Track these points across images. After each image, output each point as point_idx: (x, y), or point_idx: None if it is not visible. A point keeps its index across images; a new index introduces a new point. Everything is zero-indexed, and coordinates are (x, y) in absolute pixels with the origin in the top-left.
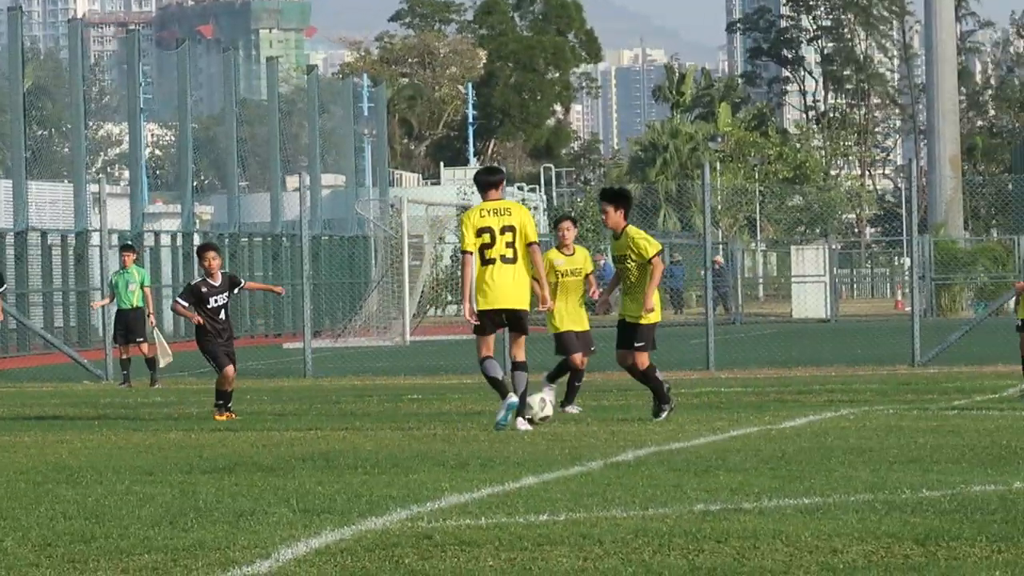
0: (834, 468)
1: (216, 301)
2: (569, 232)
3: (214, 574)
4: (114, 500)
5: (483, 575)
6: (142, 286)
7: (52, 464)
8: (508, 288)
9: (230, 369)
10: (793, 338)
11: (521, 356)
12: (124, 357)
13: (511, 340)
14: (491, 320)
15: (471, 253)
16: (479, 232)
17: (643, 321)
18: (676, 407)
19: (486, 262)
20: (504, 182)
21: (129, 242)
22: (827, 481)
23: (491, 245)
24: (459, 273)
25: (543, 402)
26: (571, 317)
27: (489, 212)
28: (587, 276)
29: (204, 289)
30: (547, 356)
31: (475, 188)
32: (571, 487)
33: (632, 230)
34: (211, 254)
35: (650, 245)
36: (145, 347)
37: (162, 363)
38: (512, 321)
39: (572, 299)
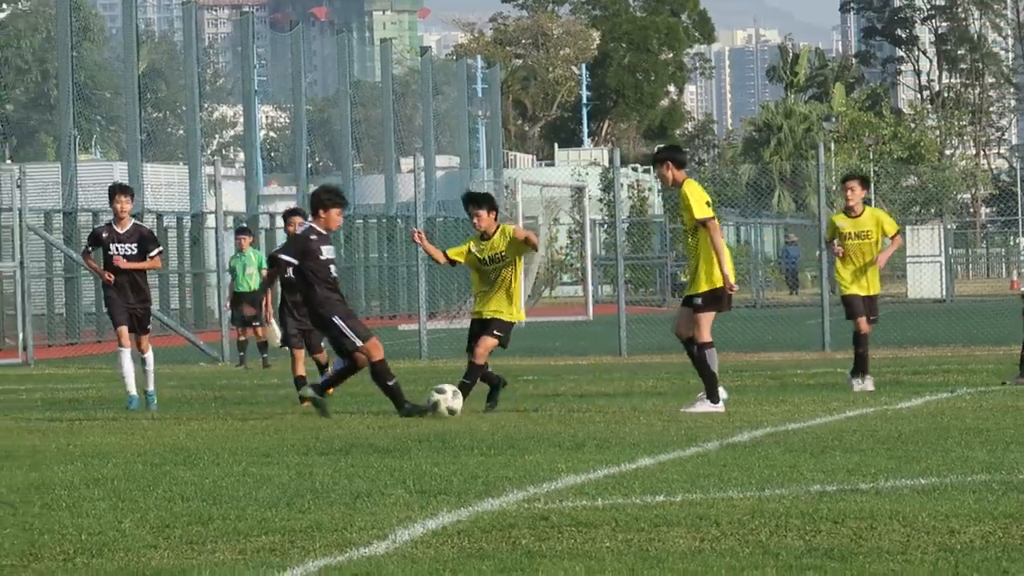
0: (951, 448)
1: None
2: (853, 193)
3: (331, 555)
4: (231, 481)
5: (599, 556)
6: (259, 269)
7: (169, 446)
8: None
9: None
10: (908, 318)
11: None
12: (242, 339)
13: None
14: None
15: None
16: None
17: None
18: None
19: None
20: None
21: (245, 225)
22: (944, 461)
23: None
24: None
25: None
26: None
27: None
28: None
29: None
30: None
31: (587, 170)
32: (687, 468)
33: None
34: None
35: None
36: (260, 330)
37: (275, 344)
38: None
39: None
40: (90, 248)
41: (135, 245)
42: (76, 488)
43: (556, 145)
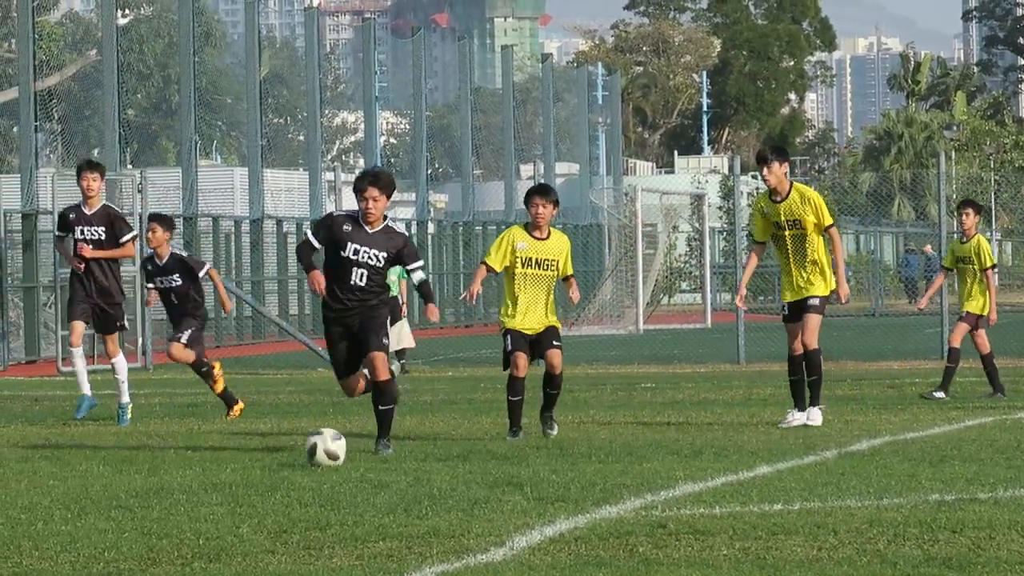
0: None
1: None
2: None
3: (448, 562)
4: (349, 487)
5: (717, 564)
6: (399, 278)
7: (287, 451)
8: None
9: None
10: None
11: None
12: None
13: None
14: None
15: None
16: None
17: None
18: None
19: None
20: None
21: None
22: None
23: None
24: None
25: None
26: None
27: None
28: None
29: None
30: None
31: (707, 178)
32: (805, 476)
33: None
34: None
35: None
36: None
37: (412, 345)
38: None
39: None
40: (60, 233)
41: (103, 228)
42: (194, 493)
43: (676, 152)
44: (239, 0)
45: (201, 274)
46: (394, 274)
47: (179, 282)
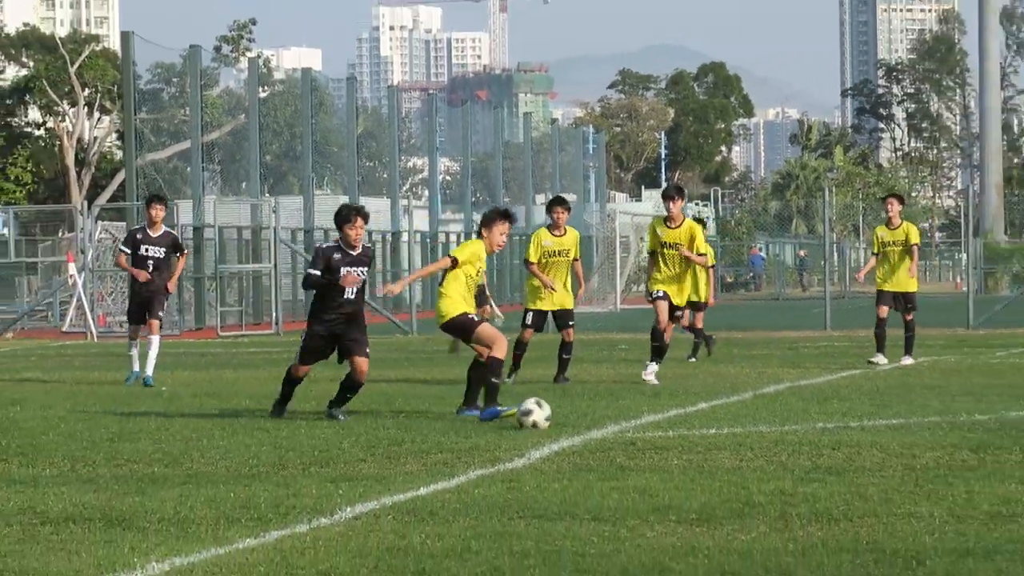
0: (914, 399)
1: (148, 251)
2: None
3: (485, 468)
4: (417, 416)
5: (670, 470)
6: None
7: (375, 391)
8: None
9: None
10: None
11: None
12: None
13: None
14: None
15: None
16: None
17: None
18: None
19: None
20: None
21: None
22: (909, 408)
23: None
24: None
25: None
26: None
27: None
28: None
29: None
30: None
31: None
32: (731, 410)
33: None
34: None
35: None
36: (486, 312)
37: (498, 322)
38: None
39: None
40: (126, 250)
41: (164, 249)
42: (312, 420)
43: (643, 187)
44: (343, 80)
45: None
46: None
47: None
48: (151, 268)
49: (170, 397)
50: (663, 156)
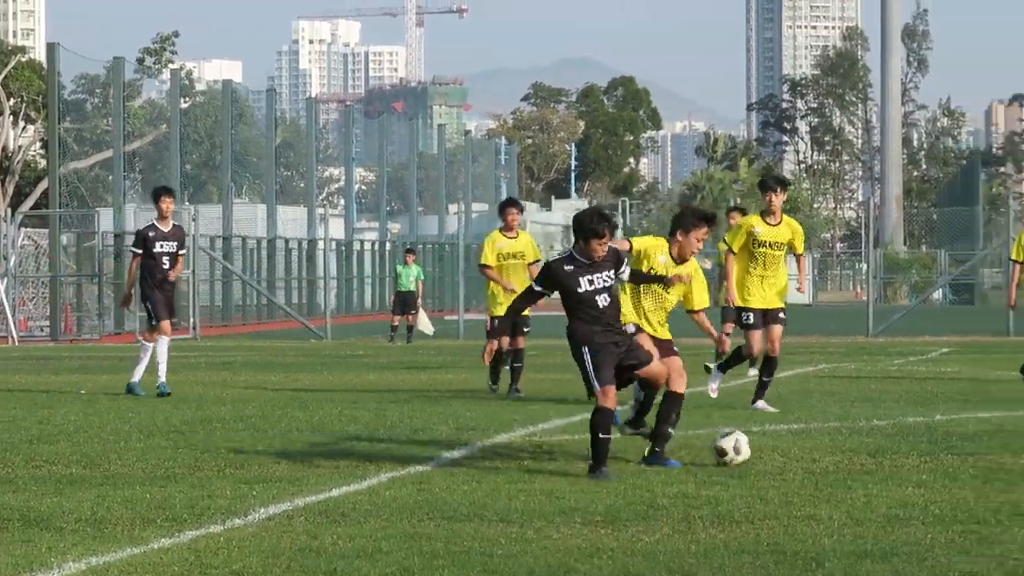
0: (814, 405)
1: (162, 247)
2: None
3: (396, 470)
4: (331, 419)
5: (576, 473)
6: (417, 279)
7: (289, 395)
8: None
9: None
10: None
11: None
12: (395, 324)
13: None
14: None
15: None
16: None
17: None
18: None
19: None
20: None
21: (410, 247)
22: (809, 413)
23: None
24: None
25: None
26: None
27: None
28: None
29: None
30: None
31: (573, 213)
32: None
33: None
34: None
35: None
36: (411, 318)
37: (428, 332)
38: None
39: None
40: (137, 250)
41: (176, 243)
42: (228, 422)
43: (553, 197)
44: (262, 92)
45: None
46: (413, 275)
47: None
48: (167, 265)
49: (88, 399)
50: (573, 167)
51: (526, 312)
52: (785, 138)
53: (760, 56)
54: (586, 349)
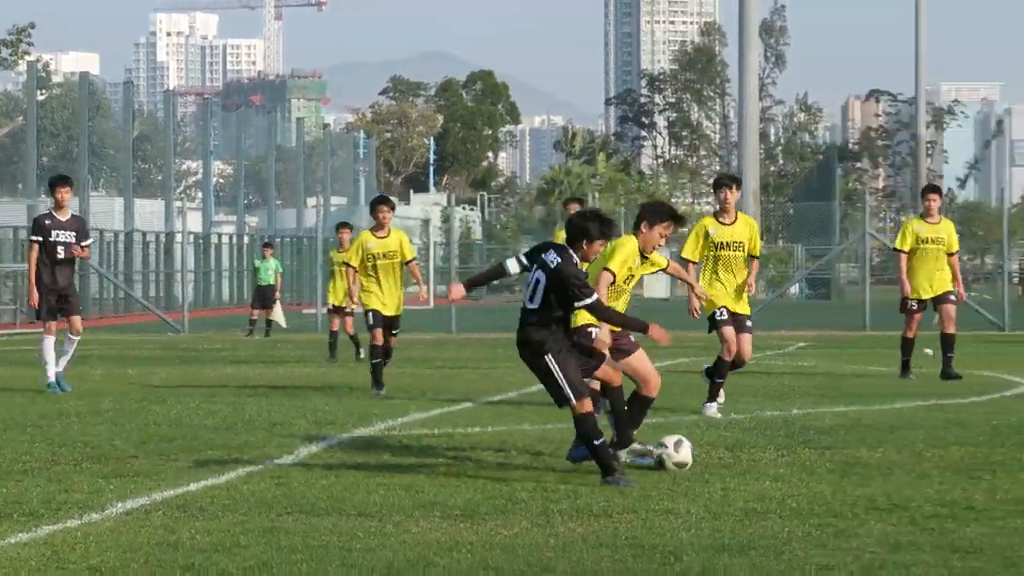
0: (673, 398)
1: (58, 236)
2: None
3: (254, 464)
4: (188, 413)
5: (435, 467)
6: (276, 272)
7: (147, 389)
8: None
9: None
10: (645, 312)
11: None
12: (254, 317)
13: None
14: None
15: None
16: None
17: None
18: None
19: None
20: None
21: (268, 240)
22: (668, 407)
23: None
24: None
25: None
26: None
27: None
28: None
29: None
30: None
31: (431, 208)
32: (495, 409)
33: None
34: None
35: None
36: (269, 311)
37: (283, 324)
38: None
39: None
40: (36, 239)
41: (74, 233)
42: (85, 416)
43: (412, 191)
44: (120, 85)
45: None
46: (272, 269)
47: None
48: (62, 255)
49: None
50: (431, 161)
51: (399, 312)
52: (643, 133)
53: (618, 51)
54: (550, 356)
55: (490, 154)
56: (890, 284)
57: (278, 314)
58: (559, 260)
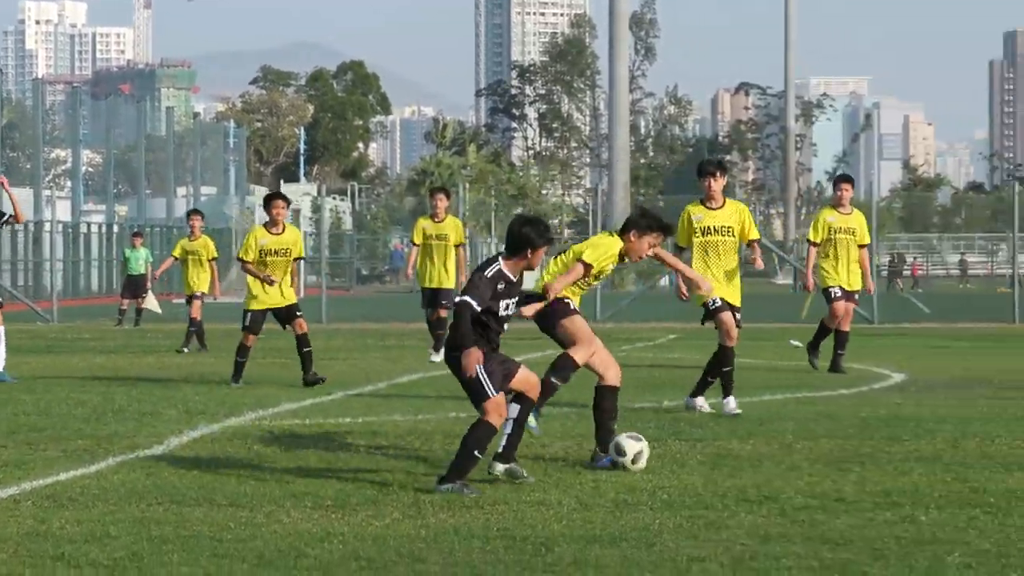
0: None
1: None
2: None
3: (124, 454)
4: (58, 403)
5: (307, 458)
6: (146, 261)
7: (16, 377)
8: None
9: None
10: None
11: None
12: (124, 307)
13: None
14: None
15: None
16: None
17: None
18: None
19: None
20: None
21: (137, 230)
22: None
23: None
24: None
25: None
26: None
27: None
28: None
29: None
30: None
31: (302, 198)
32: (365, 400)
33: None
34: None
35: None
36: (139, 301)
37: (157, 311)
38: None
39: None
40: None
41: None
42: None
43: (282, 180)
44: None
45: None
46: (142, 258)
47: None
48: None
49: None
50: (302, 151)
51: (294, 299)
52: (514, 124)
53: (489, 42)
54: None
55: (360, 144)
56: (758, 276)
57: (152, 302)
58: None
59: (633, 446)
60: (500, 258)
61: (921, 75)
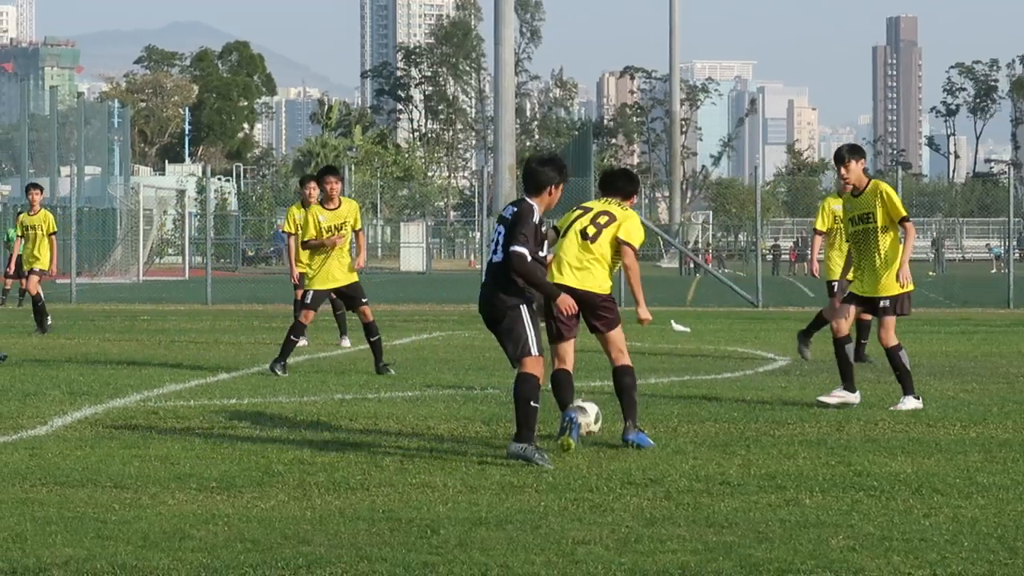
0: (428, 372)
1: None
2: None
3: (7, 435)
4: None
5: (191, 439)
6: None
7: None
8: None
9: None
10: (401, 285)
11: None
12: (7, 287)
13: None
14: None
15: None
16: None
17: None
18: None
19: None
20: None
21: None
22: (424, 380)
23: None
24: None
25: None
26: None
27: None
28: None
29: None
30: None
31: (187, 179)
32: (251, 381)
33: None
34: None
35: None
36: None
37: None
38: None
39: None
40: None
41: None
42: None
43: (167, 161)
44: None
45: None
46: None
47: None
48: None
49: None
50: (187, 131)
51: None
52: (400, 106)
53: (375, 24)
54: (524, 308)
55: (246, 125)
56: (645, 260)
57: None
58: (515, 209)
59: (593, 408)
60: (526, 199)
61: (806, 60)
